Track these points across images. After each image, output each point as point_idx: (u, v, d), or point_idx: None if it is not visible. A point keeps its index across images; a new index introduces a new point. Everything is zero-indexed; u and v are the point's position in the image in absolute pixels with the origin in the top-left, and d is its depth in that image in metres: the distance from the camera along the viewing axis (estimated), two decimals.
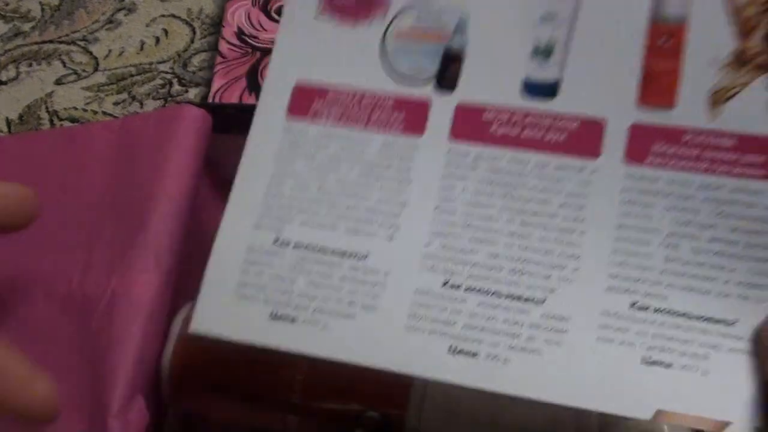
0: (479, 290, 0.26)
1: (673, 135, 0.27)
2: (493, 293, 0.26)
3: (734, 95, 0.27)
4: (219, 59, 0.42)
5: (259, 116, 0.30)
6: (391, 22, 0.30)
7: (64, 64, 0.44)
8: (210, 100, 0.40)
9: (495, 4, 0.30)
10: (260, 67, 0.41)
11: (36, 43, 0.45)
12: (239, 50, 0.42)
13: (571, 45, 0.28)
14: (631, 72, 0.28)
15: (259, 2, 0.45)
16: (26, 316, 0.32)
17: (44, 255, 0.33)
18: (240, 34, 0.43)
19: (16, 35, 0.45)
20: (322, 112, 0.30)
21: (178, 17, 0.46)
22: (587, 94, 0.28)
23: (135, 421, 0.30)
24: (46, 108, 0.42)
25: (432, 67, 0.29)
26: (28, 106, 0.42)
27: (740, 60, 0.27)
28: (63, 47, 0.45)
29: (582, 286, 0.26)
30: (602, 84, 0.28)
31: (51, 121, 0.41)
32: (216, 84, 0.40)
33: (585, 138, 0.27)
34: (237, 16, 0.44)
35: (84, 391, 0.30)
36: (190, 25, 0.46)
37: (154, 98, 0.42)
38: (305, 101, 0.30)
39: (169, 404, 0.32)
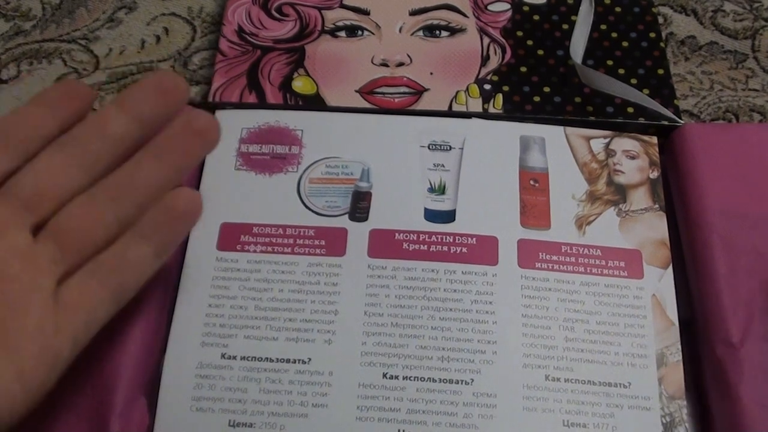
0: (415, 378, 0.30)
1: (553, 247, 0.34)
2: (427, 379, 0.30)
3: (593, 220, 0.35)
4: (219, 57, 0.42)
5: (192, 250, 0.34)
6: (303, 172, 0.36)
7: (65, 62, 0.44)
8: (210, 97, 0.40)
9: (391, 159, 0.36)
10: (260, 66, 0.41)
11: (37, 41, 0.45)
12: (239, 48, 0.42)
13: (460, 186, 0.35)
14: (513, 204, 0.35)
15: (259, 1, 0.45)
16: None
17: None
18: (240, 32, 0.43)
19: (17, 34, 0.45)
20: (250, 243, 0.34)
21: (179, 16, 0.47)
22: (480, 219, 0.34)
23: (137, 420, 0.30)
24: None
25: (344, 204, 0.35)
26: None
27: (592, 197, 0.35)
28: (64, 46, 0.45)
29: (502, 366, 0.31)
30: (490, 212, 0.34)
31: None
32: (216, 82, 0.40)
33: (483, 250, 0.33)
34: (237, 15, 0.44)
35: (86, 392, 0.30)
36: (191, 24, 0.46)
37: None
38: (233, 236, 0.34)
39: None
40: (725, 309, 0.32)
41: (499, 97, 0.40)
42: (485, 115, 0.39)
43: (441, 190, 0.35)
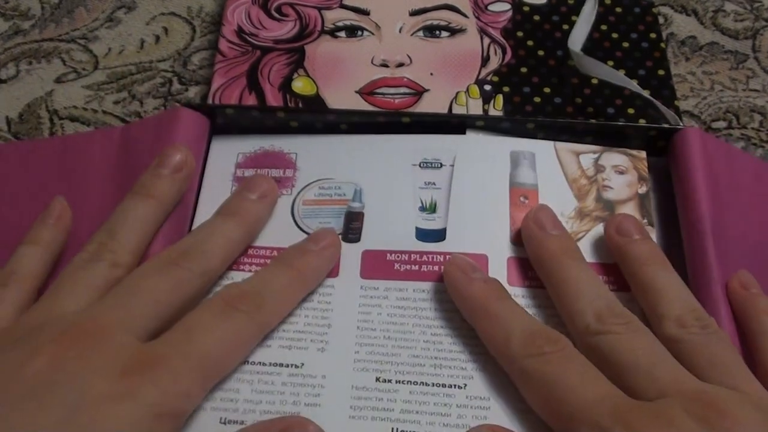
0: (408, 382, 0.30)
1: None
2: (421, 383, 0.30)
3: (582, 238, 0.34)
4: (219, 57, 0.42)
5: None
6: (297, 194, 0.36)
7: (64, 62, 0.44)
8: (210, 98, 0.40)
9: (383, 179, 0.36)
10: (260, 66, 0.41)
11: (36, 41, 0.45)
12: (239, 49, 0.42)
13: (451, 203, 0.35)
14: (503, 221, 0.34)
15: (259, 1, 0.44)
16: None
17: None
18: (240, 32, 0.43)
19: (15, 33, 0.45)
20: (245, 264, 0.34)
21: (178, 15, 0.46)
22: (470, 237, 0.34)
23: None
24: (46, 107, 0.42)
25: (338, 225, 0.35)
26: (28, 105, 0.42)
27: (581, 214, 0.35)
28: (63, 45, 0.45)
29: (496, 373, 0.30)
30: (481, 230, 0.34)
31: (51, 119, 0.41)
32: (216, 83, 0.40)
33: None
34: (237, 15, 0.44)
35: None
36: (190, 24, 0.46)
37: (154, 97, 0.43)
38: None
39: None
40: (721, 318, 0.31)
41: (500, 98, 0.40)
42: (485, 117, 0.39)
43: (432, 208, 0.35)
